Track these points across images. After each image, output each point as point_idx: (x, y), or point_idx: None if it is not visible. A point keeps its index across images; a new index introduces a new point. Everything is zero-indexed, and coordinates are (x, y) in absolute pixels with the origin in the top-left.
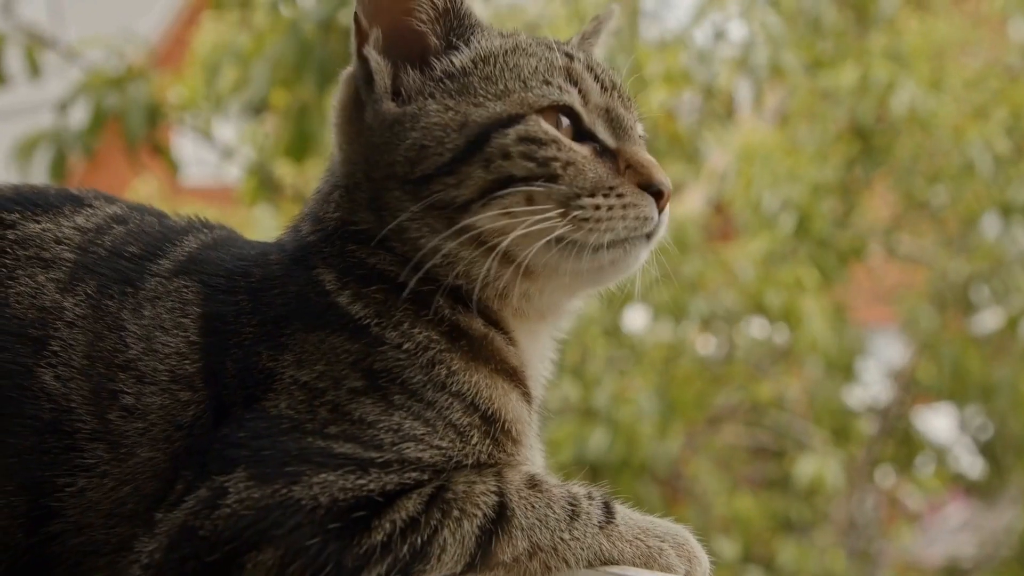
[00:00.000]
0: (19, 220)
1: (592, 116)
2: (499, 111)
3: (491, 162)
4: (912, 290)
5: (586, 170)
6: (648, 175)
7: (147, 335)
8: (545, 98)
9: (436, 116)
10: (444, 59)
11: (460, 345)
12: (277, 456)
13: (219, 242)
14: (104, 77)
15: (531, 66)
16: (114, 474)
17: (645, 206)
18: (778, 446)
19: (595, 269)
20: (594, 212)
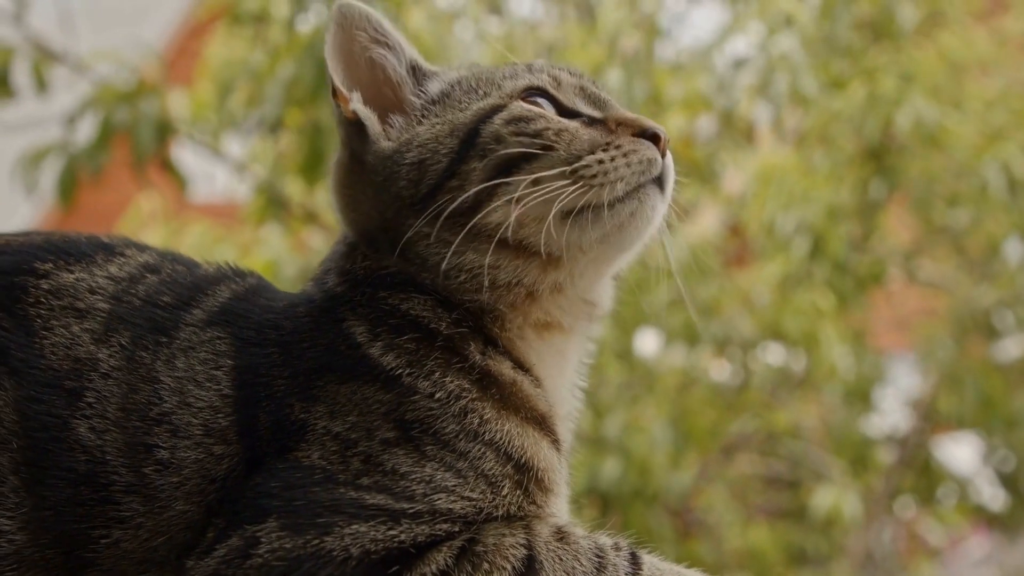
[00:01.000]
0: (52, 270)
1: (569, 96)
2: (483, 106)
3: (486, 150)
4: (933, 316)
5: (579, 134)
6: (640, 124)
7: (181, 388)
8: (520, 84)
9: (427, 132)
10: (421, 93)
11: (491, 393)
12: (309, 506)
13: (250, 292)
14: (114, 91)
15: (502, 72)
16: (148, 526)
17: (646, 149)
18: (793, 476)
19: (617, 228)
20: (599, 167)
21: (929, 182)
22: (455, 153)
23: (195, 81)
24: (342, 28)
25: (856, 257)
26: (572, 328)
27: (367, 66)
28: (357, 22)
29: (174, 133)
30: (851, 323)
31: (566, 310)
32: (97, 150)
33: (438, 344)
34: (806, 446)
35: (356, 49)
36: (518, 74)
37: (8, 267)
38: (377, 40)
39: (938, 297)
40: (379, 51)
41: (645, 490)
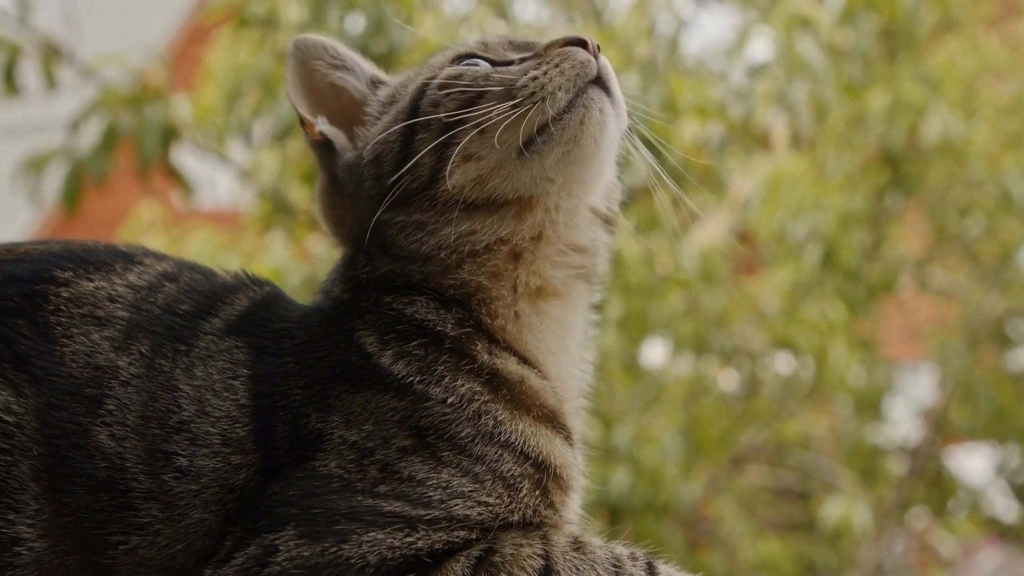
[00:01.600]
0: (72, 278)
1: (499, 50)
2: (416, 83)
3: (428, 119)
4: (944, 325)
5: (511, 70)
6: (564, 38)
7: (199, 396)
8: (447, 56)
9: (377, 129)
10: (374, 100)
11: (502, 394)
12: (327, 514)
13: (267, 301)
14: (118, 96)
15: (434, 56)
16: (167, 533)
17: (575, 54)
18: (803, 487)
19: (572, 141)
20: (534, 83)
21: (944, 190)
22: (403, 136)
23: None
24: (300, 61)
25: (867, 265)
26: (567, 290)
27: (330, 92)
28: (314, 52)
29: (178, 139)
30: (862, 332)
31: (555, 263)
32: (101, 156)
33: (446, 347)
34: (816, 457)
35: (316, 78)
36: (447, 50)
37: (28, 275)
38: (335, 65)
39: (950, 306)
40: (339, 75)
41: (656, 501)
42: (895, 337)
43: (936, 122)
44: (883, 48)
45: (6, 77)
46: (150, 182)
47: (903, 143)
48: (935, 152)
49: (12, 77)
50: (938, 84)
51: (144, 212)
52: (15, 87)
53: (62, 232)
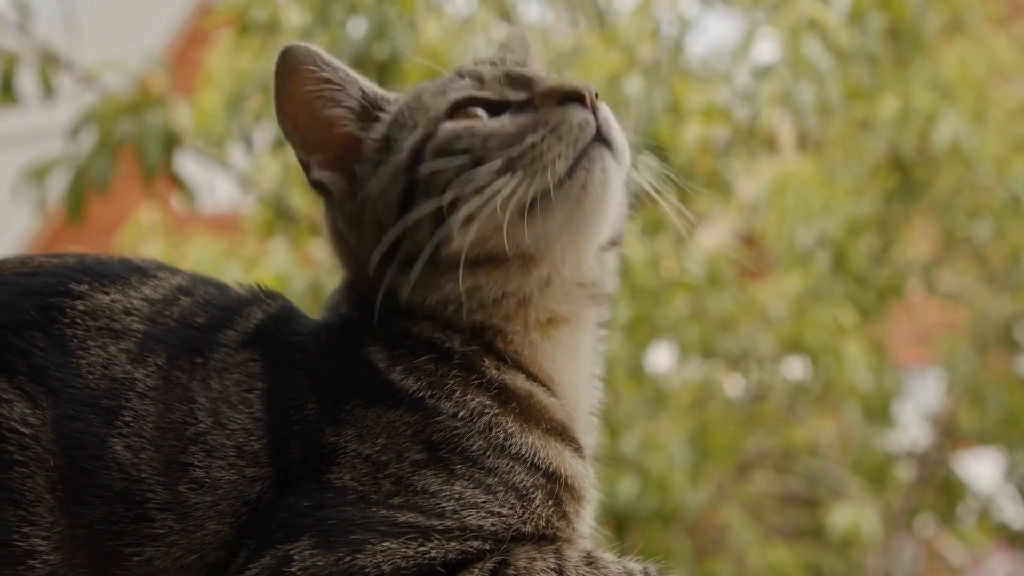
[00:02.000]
0: (88, 291)
1: (495, 87)
2: (414, 140)
3: (428, 186)
4: (953, 329)
5: (507, 129)
6: (558, 91)
7: (215, 408)
8: (443, 105)
9: (375, 184)
10: (368, 138)
11: (511, 407)
12: (342, 524)
13: (281, 314)
14: (119, 102)
15: (429, 93)
16: (182, 544)
17: (572, 114)
18: (810, 494)
19: (576, 205)
20: (533, 152)
21: (953, 193)
22: (403, 197)
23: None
24: (289, 78)
25: (876, 269)
26: (576, 318)
27: (324, 118)
28: (305, 63)
29: (180, 145)
30: (870, 336)
31: (563, 300)
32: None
33: (455, 362)
34: (823, 463)
35: (307, 99)
36: (444, 89)
37: (44, 288)
38: (329, 82)
39: (958, 310)
40: (333, 95)
41: (663, 509)
42: (903, 341)
43: (946, 128)
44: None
45: (4, 87)
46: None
47: (913, 149)
48: (944, 157)
49: (10, 87)
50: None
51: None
52: (14, 96)
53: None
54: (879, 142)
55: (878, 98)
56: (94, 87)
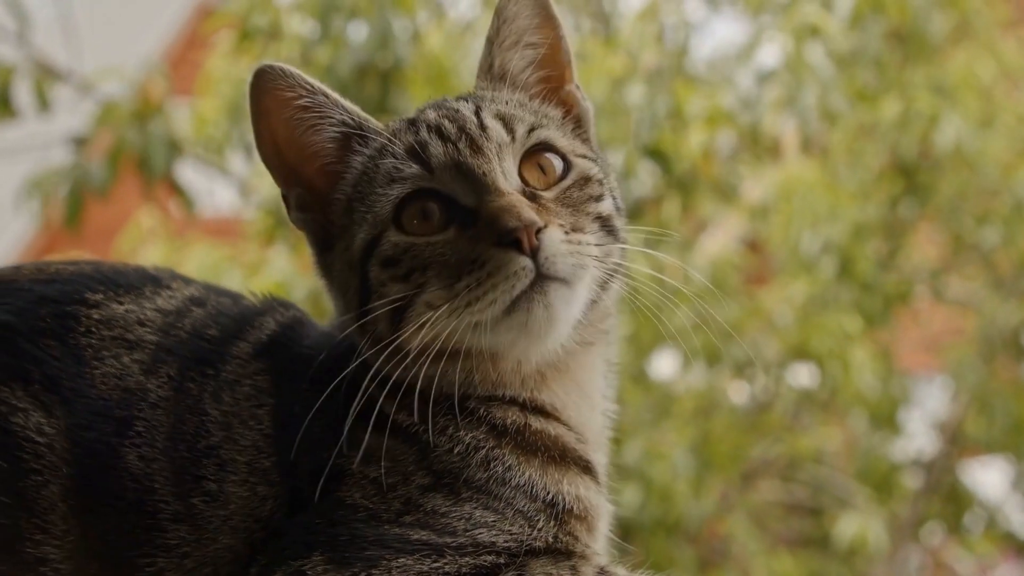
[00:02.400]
0: (103, 300)
1: (446, 179)
2: (362, 240)
3: (379, 292)
4: (960, 336)
5: (447, 257)
6: (496, 229)
7: (227, 423)
8: (388, 203)
9: (339, 261)
10: (338, 189)
11: (506, 441)
12: (355, 541)
13: (293, 324)
14: (121, 111)
15: (384, 169)
16: (195, 556)
17: (507, 263)
18: (815, 503)
19: (521, 332)
20: (469, 294)
21: (959, 199)
22: (359, 290)
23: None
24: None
25: (882, 275)
26: (577, 362)
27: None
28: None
29: (181, 154)
30: (877, 343)
31: (547, 361)
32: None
33: (442, 402)
34: (829, 471)
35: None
36: (395, 175)
37: (60, 296)
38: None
39: (966, 316)
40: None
41: (666, 518)
42: (910, 348)
43: (949, 131)
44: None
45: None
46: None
47: (915, 152)
48: (948, 161)
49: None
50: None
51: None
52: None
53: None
54: (883, 146)
55: (882, 102)
56: (92, 95)
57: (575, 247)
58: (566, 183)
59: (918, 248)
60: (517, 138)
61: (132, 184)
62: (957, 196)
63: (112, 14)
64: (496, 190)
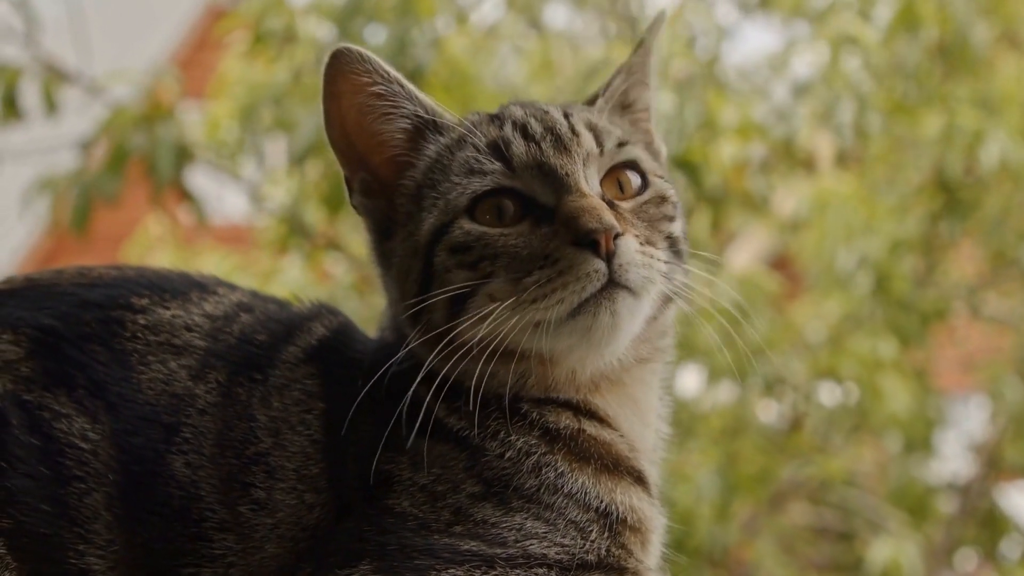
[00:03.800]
0: (149, 305)
1: (525, 179)
2: (432, 224)
3: (441, 279)
4: (998, 355)
5: (519, 250)
6: (575, 228)
7: (276, 428)
8: (464, 194)
9: (401, 247)
10: (407, 177)
11: (559, 447)
12: (404, 551)
13: (341, 329)
14: (129, 115)
15: (462, 159)
16: (240, 566)
17: (582, 263)
18: (846, 526)
19: (583, 337)
20: (538, 290)
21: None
22: (420, 277)
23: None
24: (338, 86)
25: (919, 292)
26: (624, 377)
27: (372, 140)
28: (355, 76)
29: (192, 160)
30: (912, 362)
31: (601, 373)
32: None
33: (492, 406)
34: (861, 494)
35: (356, 113)
36: (473, 166)
37: (105, 301)
38: (381, 97)
39: (1003, 335)
40: (384, 113)
41: (689, 543)
42: (945, 367)
43: (993, 148)
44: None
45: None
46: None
47: (960, 169)
48: (992, 177)
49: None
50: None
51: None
52: (18, 112)
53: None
54: (924, 160)
55: (922, 115)
56: (102, 98)
57: (647, 259)
58: (643, 198)
59: (955, 264)
60: (606, 151)
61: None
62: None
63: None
64: (578, 190)
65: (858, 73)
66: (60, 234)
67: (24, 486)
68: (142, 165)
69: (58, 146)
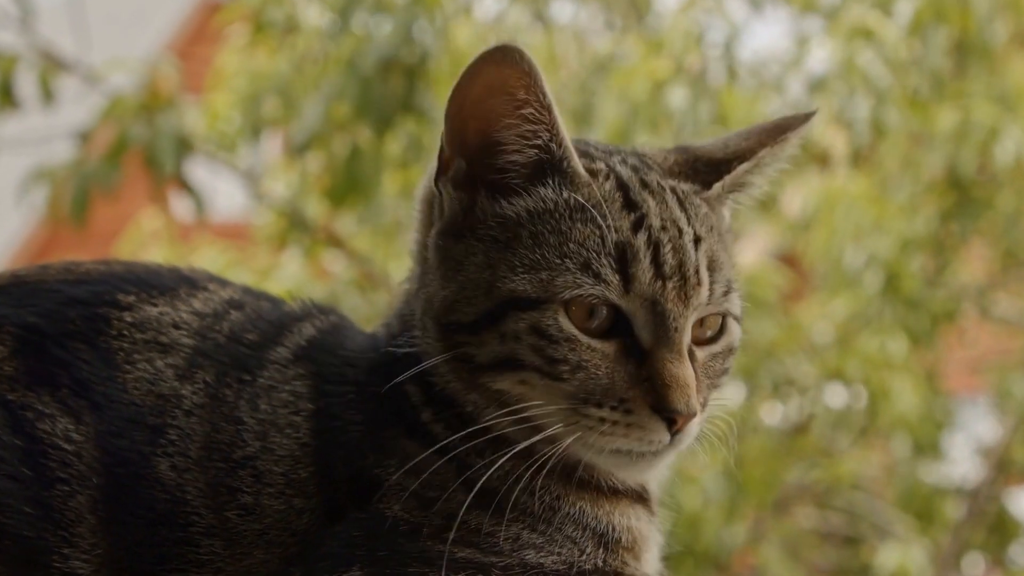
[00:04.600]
0: (136, 303)
1: (633, 307)
2: (522, 289)
3: (505, 339)
4: (1008, 356)
5: (599, 375)
6: (663, 398)
7: (263, 432)
8: (572, 291)
9: (474, 272)
10: (506, 201)
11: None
12: (396, 557)
13: (332, 329)
14: (128, 105)
15: (580, 236)
16: (228, 571)
17: (652, 430)
18: (853, 531)
19: (612, 467)
20: (598, 424)
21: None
22: (481, 317)
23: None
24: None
25: (928, 292)
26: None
27: (489, 144)
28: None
29: (192, 151)
30: (921, 364)
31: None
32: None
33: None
34: (868, 498)
35: (489, 112)
36: (594, 258)
37: (90, 298)
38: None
39: (1013, 335)
40: (519, 133)
41: (694, 547)
42: (954, 369)
43: (1009, 145)
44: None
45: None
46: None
47: (973, 166)
48: (1007, 175)
49: (9, 91)
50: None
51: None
52: (13, 101)
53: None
54: (937, 157)
55: (936, 111)
56: (100, 88)
57: (700, 427)
58: (716, 349)
59: (966, 264)
60: (713, 300)
61: (139, 183)
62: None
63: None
64: (679, 352)
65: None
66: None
67: (6, 488)
68: (139, 157)
69: (55, 136)
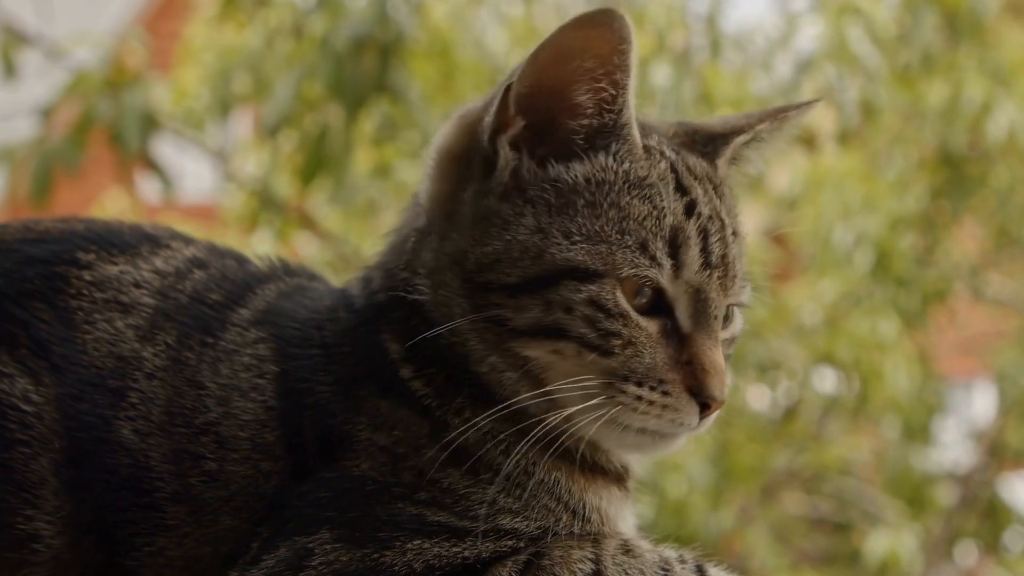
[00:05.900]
0: (95, 261)
1: (678, 292)
2: (580, 260)
3: (551, 307)
4: (1001, 338)
5: (644, 353)
6: (702, 383)
7: (225, 397)
8: (630, 270)
9: (523, 234)
10: (563, 166)
11: (534, 440)
12: (366, 519)
13: (296, 290)
14: (93, 80)
15: (639, 214)
16: (195, 535)
17: (687, 413)
18: (843, 517)
19: (630, 446)
20: (634, 401)
21: (1008, 191)
22: (526, 281)
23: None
24: (582, 41)
25: (920, 272)
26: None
27: (565, 106)
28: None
29: (158, 128)
30: (913, 345)
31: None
32: (74, 147)
33: (466, 381)
34: (857, 484)
35: (572, 74)
36: (651, 239)
37: (49, 256)
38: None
39: (1007, 317)
40: (598, 98)
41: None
42: (946, 351)
43: (1002, 119)
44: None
45: None
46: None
47: (964, 142)
48: (999, 151)
49: None
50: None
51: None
52: None
53: None
54: (927, 134)
55: (927, 86)
56: (63, 62)
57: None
58: (727, 335)
59: (957, 243)
60: (735, 290)
61: (104, 162)
62: (1006, 188)
63: None
64: (716, 339)
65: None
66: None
67: None
68: (104, 135)
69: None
